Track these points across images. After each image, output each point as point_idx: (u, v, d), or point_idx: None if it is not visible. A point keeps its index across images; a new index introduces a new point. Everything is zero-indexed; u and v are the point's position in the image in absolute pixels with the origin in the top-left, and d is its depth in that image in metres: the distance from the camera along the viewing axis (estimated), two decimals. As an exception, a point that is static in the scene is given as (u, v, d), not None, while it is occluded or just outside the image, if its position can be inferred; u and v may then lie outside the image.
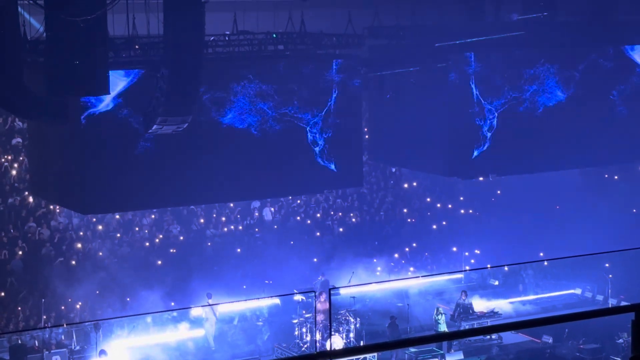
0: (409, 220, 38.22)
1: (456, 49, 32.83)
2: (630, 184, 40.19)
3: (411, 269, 34.81)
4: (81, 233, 33.17)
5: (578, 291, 33.84)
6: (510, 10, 35.12)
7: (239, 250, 34.51)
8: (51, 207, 33.44)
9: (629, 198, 39.26)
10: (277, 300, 30.08)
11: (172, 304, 30.11)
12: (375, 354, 27.79)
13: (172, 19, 26.22)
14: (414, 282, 32.29)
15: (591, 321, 23.09)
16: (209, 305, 28.95)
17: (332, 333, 28.05)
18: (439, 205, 39.33)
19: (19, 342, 27.32)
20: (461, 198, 39.65)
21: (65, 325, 28.20)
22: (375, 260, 34.80)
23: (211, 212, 35.88)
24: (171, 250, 33.85)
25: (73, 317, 29.63)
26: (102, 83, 25.98)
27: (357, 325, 28.64)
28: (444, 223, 38.18)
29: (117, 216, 34.15)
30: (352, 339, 28.23)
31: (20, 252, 31.97)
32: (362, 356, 27.59)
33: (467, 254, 35.02)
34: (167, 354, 27.69)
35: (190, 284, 30.60)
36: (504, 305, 31.85)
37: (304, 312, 28.90)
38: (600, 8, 35.65)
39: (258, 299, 29.80)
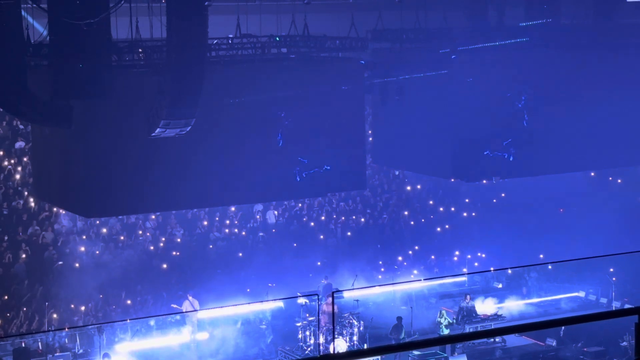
0: (412, 223, 38.21)
1: (460, 52, 32.85)
2: (634, 186, 40.17)
3: (414, 272, 34.81)
4: (84, 236, 33.19)
5: (582, 294, 33.82)
6: (513, 15, 35.07)
7: (241, 253, 34.51)
8: (55, 210, 33.46)
9: (633, 201, 39.23)
10: (280, 304, 30.09)
11: (175, 306, 30.10)
12: (379, 357, 27.76)
13: (175, 23, 26.22)
14: (417, 285, 32.28)
15: (595, 324, 23.05)
16: (194, 310, 29.00)
17: (336, 336, 28.04)
18: (442, 208, 39.32)
19: (23, 345, 27.32)
20: (467, 200, 39.63)
21: (68, 329, 28.20)
22: (379, 263, 34.81)
23: (214, 216, 35.90)
24: (174, 254, 33.85)
25: (76, 320, 29.64)
26: (106, 86, 26.04)
27: (361, 329, 28.63)
28: (448, 226, 38.16)
29: (121, 219, 34.16)
30: (355, 342, 28.21)
31: (23, 256, 31.99)
32: (365, 359, 27.54)
33: (469, 256, 35.00)
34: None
35: (193, 287, 30.60)
36: (507, 308, 31.84)
37: (307, 315, 28.91)
38: (604, 11, 35.66)
39: (261, 302, 29.79)
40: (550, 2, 34.50)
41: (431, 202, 39.64)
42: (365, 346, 28.11)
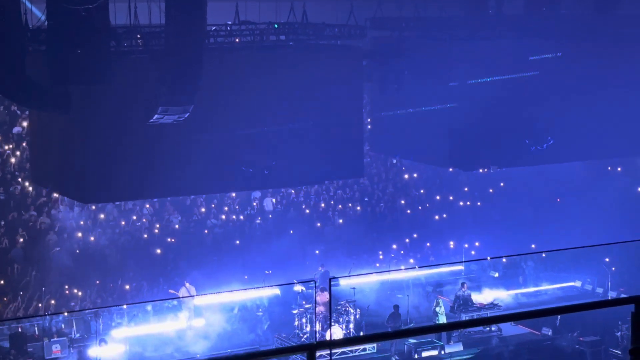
0: (409, 211, 38.22)
1: (458, 41, 32.85)
2: (631, 176, 40.20)
3: (411, 260, 34.84)
4: (82, 222, 33.19)
5: (578, 283, 33.87)
6: (512, 5, 35.04)
7: (238, 240, 34.54)
8: (52, 195, 33.46)
9: (631, 190, 39.26)
10: (277, 291, 30.12)
11: (172, 291, 30.15)
12: (375, 345, 27.85)
13: (174, 9, 26.19)
14: (413, 274, 32.33)
15: (591, 313, 23.08)
16: (190, 295, 29.03)
17: (332, 324, 28.09)
18: (439, 196, 39.31)
19: (19, 330, 27.38)
20: (465, 189, 39.63)
21: (65, 314, 28.24)
22: (375, 251, 34.83)
23: (212, 202, 35.91)
24: (171, 240, 33.88)
25: (73, 305, 29.69)
26: (104, 72, 26.00)
27: (357, 316, 28.68)
28: (445, 215, 38.18)
29: (118, 205, 34.16)
30: (351, 330, 28.27)
31: (20, 241, 32.00)
32: (361, 346, 27.67)
33: (466, 245, 35.02)
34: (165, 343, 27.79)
35: (190, 274, 30.63)
36: (503, 297, 31.90)
37: (304, 302, 28.95)
38: (604, 3, 35.65)
39: (258, 288, 29.84)
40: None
41: (428, 191, 39.64)
42: (362, 334, 28.18)
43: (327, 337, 26.93)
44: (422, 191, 39.53)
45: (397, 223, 37.30)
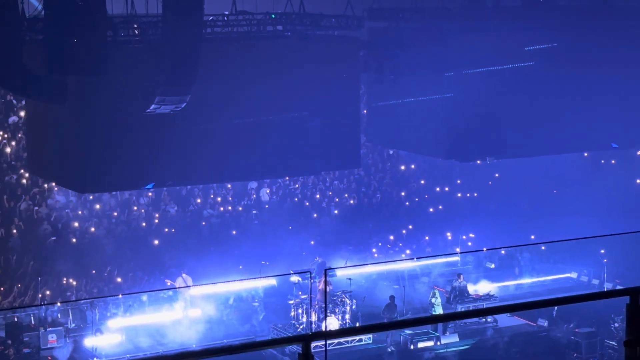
0: (405, 203, 38.23)
1: (455, 32, 32.81)
2: (627, 168, 40.21)
3: (407, 251, 34.85)
4: (78, 212, 33.17)
5: (574, 275, 33.90)
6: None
7: (235, 231, 34.53)
8: (48, 185, 33.41)
9: (627, 182, 39.27)
10: (273, 281, 30.12)
11: (168, 282, 30.17)
12: (371, 335, 27.86)
13: (171, -2, 26.13)
14: (409, 265, 32.34)
15: (586, 305, 23.11)
16: (186, 286, 29.03)
17: (328, 314, 28.11)
18: (436, 188, 39.33)
19: (15, 319, 27.36)
20: (458, 181, 39.65)
21: (60, 304, 28.23)
22: (372, 242, 34.84)
23: (208, 193, 35.89)
24: (168, 230, 33.86)
25: (69, 295, 29.66)
26: (101, 62, 25.94)
27: (353, 307, 28.69)
28: (441, 206, 38.19)
29: (114, 195, 34.13)
30: (347, 321, 28.29)
31: (16, 230, 31.96)
32: (357, 337, 27.70)
33: (464, 237, 35.05)
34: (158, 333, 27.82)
35: (186, 264, 30.63)
36: (499, 288, 31.93)
37: (299, 293, 28.95)
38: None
39: (254, 278, 29.83)
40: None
41: (425, 182, 39.65)
42: (358, 325, 28.19)
43: (323, 328, 26.94)
44: (418, 182, 39.54)
45: (394, 214, 37.32)
